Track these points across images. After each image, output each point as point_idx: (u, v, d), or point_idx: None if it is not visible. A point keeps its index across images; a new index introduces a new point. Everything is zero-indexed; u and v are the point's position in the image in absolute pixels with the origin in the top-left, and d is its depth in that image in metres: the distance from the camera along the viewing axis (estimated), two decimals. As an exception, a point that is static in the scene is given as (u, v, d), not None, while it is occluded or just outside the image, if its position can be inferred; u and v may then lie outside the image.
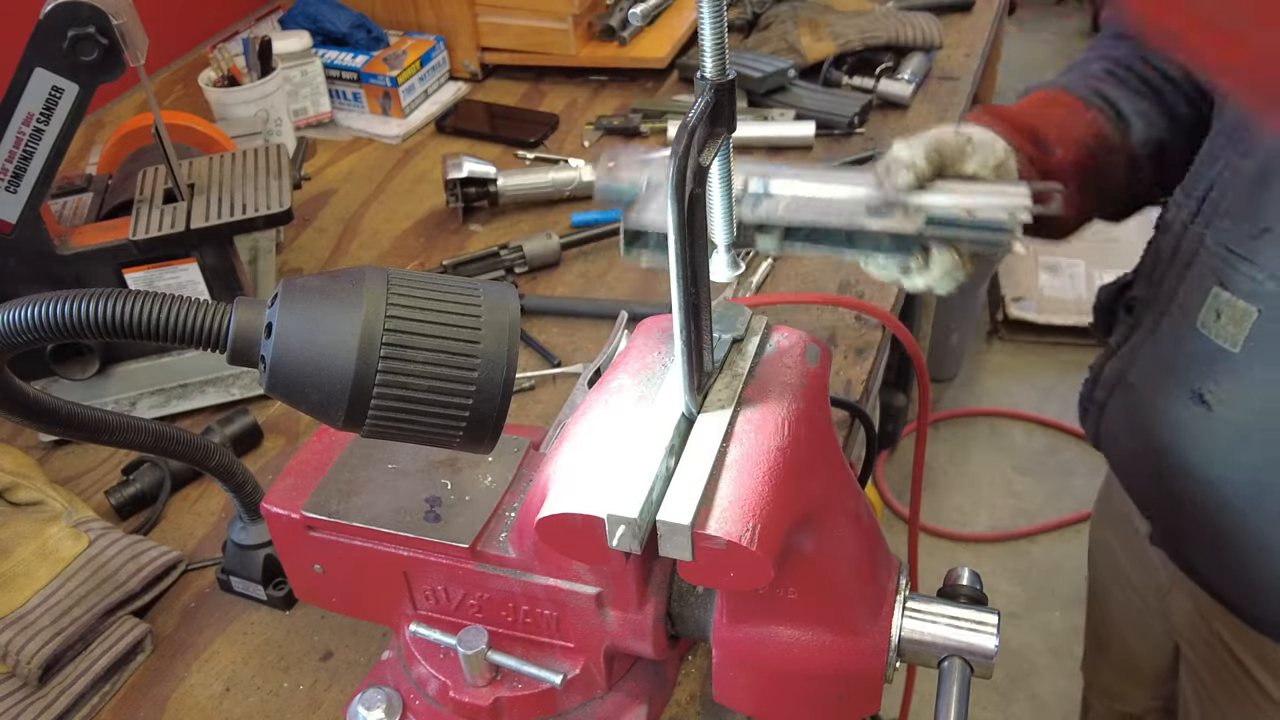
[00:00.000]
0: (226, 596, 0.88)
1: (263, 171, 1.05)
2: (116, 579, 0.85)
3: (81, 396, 1.03)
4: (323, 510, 0.68)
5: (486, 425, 0.56)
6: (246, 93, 1.41)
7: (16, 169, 0.91)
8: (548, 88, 1.65)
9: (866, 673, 0.60)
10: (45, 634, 0.79)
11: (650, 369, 0.63)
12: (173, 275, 1.02)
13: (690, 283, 0.53)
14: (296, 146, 1.49)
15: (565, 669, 0.68)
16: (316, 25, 1.62)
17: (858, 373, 1.05)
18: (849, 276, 1.18)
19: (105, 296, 0.54)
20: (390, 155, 1.51)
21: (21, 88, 0.89)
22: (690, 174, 0.50)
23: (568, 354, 1.11)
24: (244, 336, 0.55)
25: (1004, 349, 2.90)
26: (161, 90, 1.66)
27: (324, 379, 0.53)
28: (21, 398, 0.63)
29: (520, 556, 0.65)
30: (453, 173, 1.30)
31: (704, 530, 0.51)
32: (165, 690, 0.82)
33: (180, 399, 1.06)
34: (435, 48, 1.61)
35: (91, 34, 0.87)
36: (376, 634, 0.84)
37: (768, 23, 1.67)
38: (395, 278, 0.55)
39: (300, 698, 0.80)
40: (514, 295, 0.57)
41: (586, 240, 1.26)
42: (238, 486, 0.81)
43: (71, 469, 1.01)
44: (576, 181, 1.33)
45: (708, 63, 0.52)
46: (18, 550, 0.85)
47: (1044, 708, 2.08)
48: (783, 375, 0.61)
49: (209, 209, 1.00)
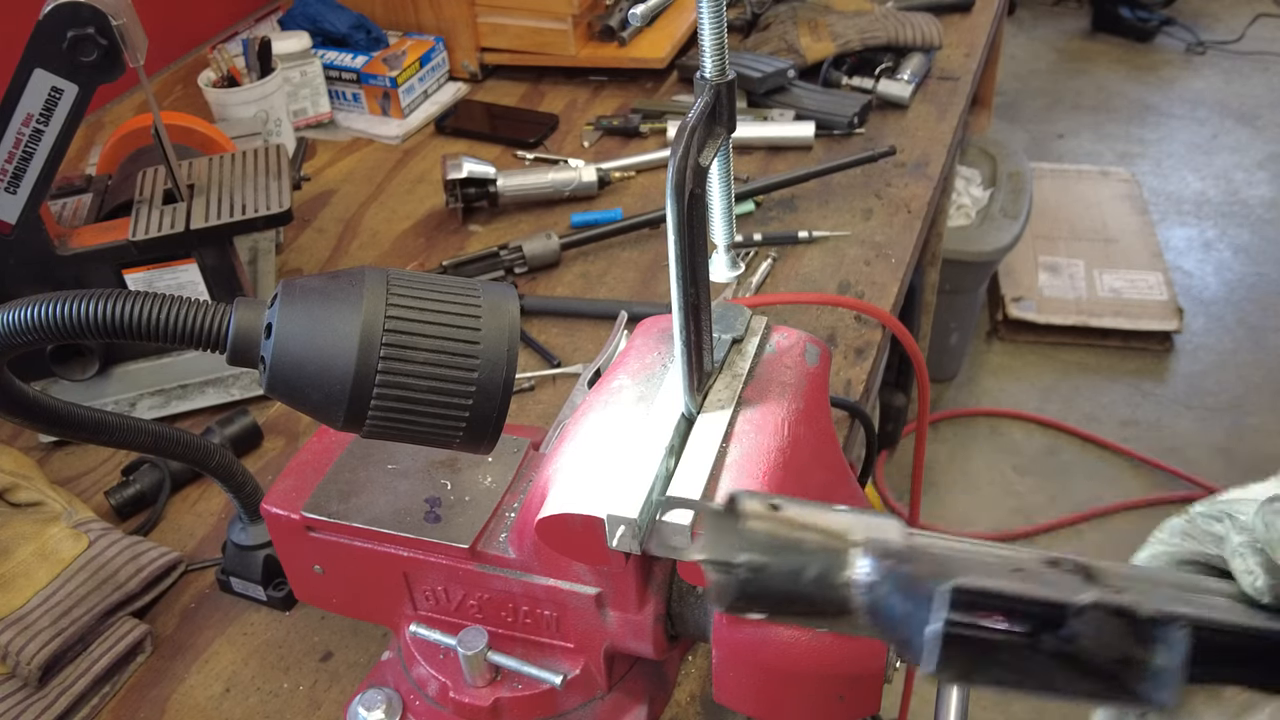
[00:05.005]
0: (226, 597, 0.88)
1: (262, 172, 1.05)
2: (116, 580, 0.85)
3: (81, 397, 1.03)
4: (322, 511, 0.68)
5: (486, 426, 0.56)
6: (246, 93, 1.41)
7: (16, 169, 0.91)
8: (547, 88, 1.65)
9: (867, 673, 0.60)
10: (45, 635, 0.79)
11: (650, 369, 0.63)
12: (172, 276, 1.02)
13: (690, 283, 0.53)
14: (296, 147, 1.49)
15: (565, 669, 0.68)
16: (316, 26, 1.62)
17: (858, 373, 1.05)
18: (849, 276, 1.18)
19: (105, 297, 0.54)
20: (390, 156, 1.51)
21: (21, 88, 0.89)
22: (690, 174, 0.50)
23: (568, 354, 1.11)
24: (244, 337, 0.55)
25: (1004, 349, 2.90)
26: (161, 91, 1.66)
27: (324, 379, 0.53)
28: (21, 398, 0.63)
29: (520, 557, 0.65)
30: (452, 173, 1.30)
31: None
32: (165, 691, 0.82)
33: (180, 400, 1.06)
34: (435, 48, 1.61)
35: (91, 35, 0.87)
36: (376, 635, 0.84)
37: (767, 23, 1.67)
38: (395, 278, 0.55)
39: (300, 698, 0.80)
40: (514, 295, 0.57)
41: (586, 240, 1.26)
42: (238, 487, 0.81)
43: (71, 469, 1.01)
44: (576, 182, 1.33)
45: (708, 63, 0.52)
46: (18, 551, 0.85)
47: (1044, 708, 2.08)
48: (782, 375, 0.61)
49: (209, 210, 1.00)
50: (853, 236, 1.24)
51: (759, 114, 1.47)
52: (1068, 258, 2.96)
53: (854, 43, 1.57)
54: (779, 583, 0.39)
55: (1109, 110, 3.91)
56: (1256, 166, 3.56)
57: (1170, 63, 4.19)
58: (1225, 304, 2.99)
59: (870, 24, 1.59)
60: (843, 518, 0.40)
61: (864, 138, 1.45)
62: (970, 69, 1.62)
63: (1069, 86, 4.07)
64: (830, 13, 1.63)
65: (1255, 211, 3.35)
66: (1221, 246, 3.20)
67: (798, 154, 1.42)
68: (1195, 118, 3.84)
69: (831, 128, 1.45)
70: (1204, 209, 3.37)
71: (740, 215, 1.30)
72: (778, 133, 1.43)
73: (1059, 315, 2.82)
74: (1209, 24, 4.39)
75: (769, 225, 1.28)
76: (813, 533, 0.39)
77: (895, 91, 1.51)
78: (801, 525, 0.39)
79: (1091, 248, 2.99)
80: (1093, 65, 4.20)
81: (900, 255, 1.21)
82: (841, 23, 1.60)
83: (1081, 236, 3.03)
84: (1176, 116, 3.85)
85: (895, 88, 1.51)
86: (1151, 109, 3.90)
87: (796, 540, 0.39)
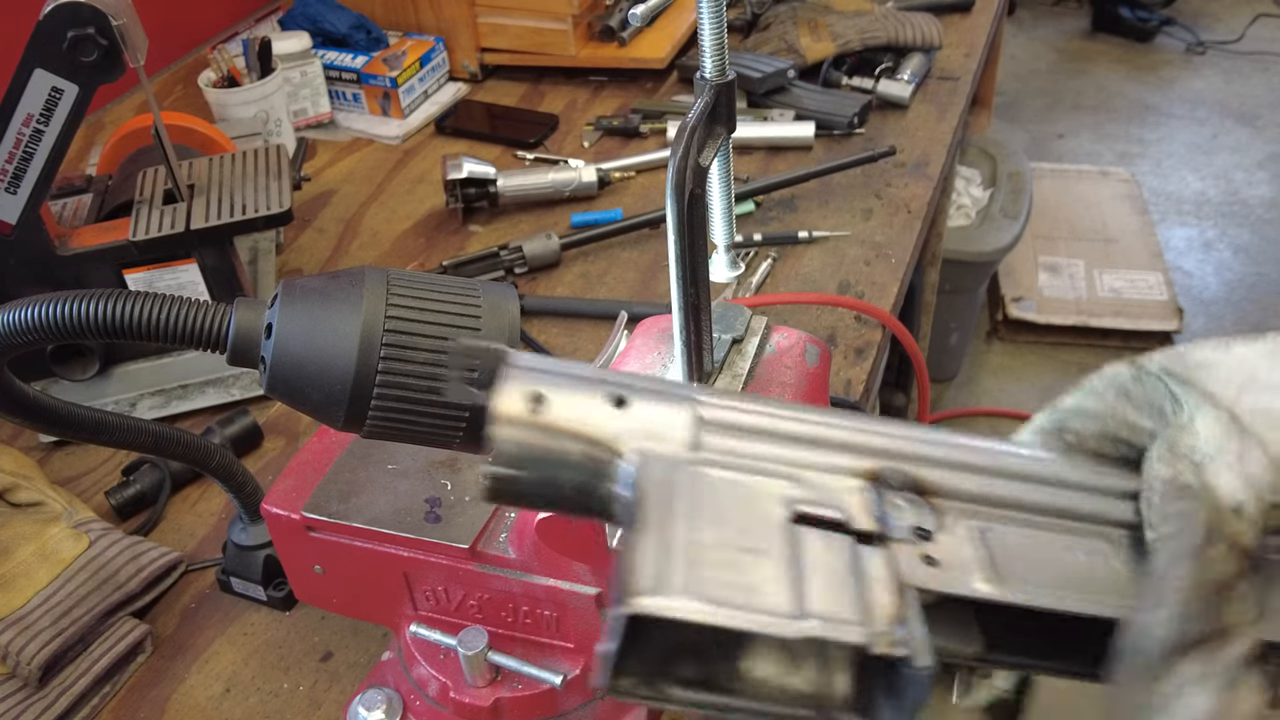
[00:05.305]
0: (226, 597, 0.88)
1: (262, 172, 1.05)
2: (117, 580, 0.85)
3: (81, 397, 1.03)
4: (323, 511, 0.68)
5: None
6: (246, 93, 1.41)
7: (16, 170, 0.91)
8: (547, 88, 1.65)
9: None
10: (45, 635, 0.79)
11: (650, 369, 0.63)
12: (173, 276, 1.02)
13: (690, 283, 0.53)
14: (296, 147, 1.49)
15: (565, 669, 0.68)
16: (316, 26, 1.62)
17: (858, 373, 1.05)
18: (849, 276, 1.18)
19: (105, 297, 0.54)
20: (390, 156, 1.51)
21: (21, 88, 0.89)
22: (690, 174, 0.50)
23: (568, 354, 1.11)
24: (244, 337, 0.55)
25: (1004, 349, 2.90)
26: (161, 91, 1.66)
27: (324, 380, 0.53)
28: (21, 398, 0.63)
29: (520, 557, 0.65)
30: (452, 173, 1.30)
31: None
32: (165, 691, 0.82)
33: (180, 400, 1.06)
34: (435, 48, 1.61)
35: (91, 35, 0.87)
36: (376, 635, 0.84)
37: (767, 23, 1.67)
38: (395, 278, 0.55)
39: (300, 698, 0.80)
40: (514, 295, 0.57)
41: (586, 240, 1.26)
42: (238, 487, 0.81)
43: (71, 470, 1.01)
44: (576, 182, 1.33)
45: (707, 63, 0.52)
46: (18, 551, 0.85)
47: (1044, 708, 2.08)
48: (782, 375, 0.61)
49: (209, 210, 1.00)
50: (853, 236, 1.24)
51: (759, 114, 1.47)
52: (1068, 258, 2.96)
53: (854, 43, 1.57)
54: (534, 489, 0.35)
55: (1109, 110, 3.91)
56: (1256, 166, 3.56)
57: (1170, 63, 4.19)
58: (1225, 304, 2.99)
59: (870, 24, 1.59)
60: (616, 422, 0.35)
61: (864, 138, 1.45)
62: (970, 69, 1.62)
63: (1069, 86, 4.07)
64: (830, 13, 1.63)
65: (1255, 211, 3.35)
66: (1221, 247, 3.20)
67: (798, 154, 1.42)
68: (1195, 118, 3.84)
69: (831, 128, 1.45)
70: (1204, 209, 3.37)
71: (740, 215, 1.30)
72: (778, 133, 1.43)
73: (1059, 315, 2.82)
74: (1209, 24, 4.39)
75: (769, 225, 1.28)
76: (574, 441, 0.35)
77: (895, 91, 1.51)
78: (563, 432, 0.35)
79: (1091, 248, 2.99)
80: (1093, 65, 4.20)
81: (900, 255, 1.21)
82: (841, 23, 1.60)
83: (1081, 237, 3.03)
84: (1176, 116, 3.86)
85: (895, 88, 1.51)
86: (1151, 109, 3.90)
87: (555, 453, 0.35)
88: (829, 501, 0.34)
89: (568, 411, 0.35)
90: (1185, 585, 0.31)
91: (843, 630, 0.29)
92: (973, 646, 0.35)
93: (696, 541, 0.31)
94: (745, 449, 0.35)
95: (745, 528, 0.32)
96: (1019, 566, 0.33)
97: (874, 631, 0.29)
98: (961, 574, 0.32)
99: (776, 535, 0.32)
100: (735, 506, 0.33)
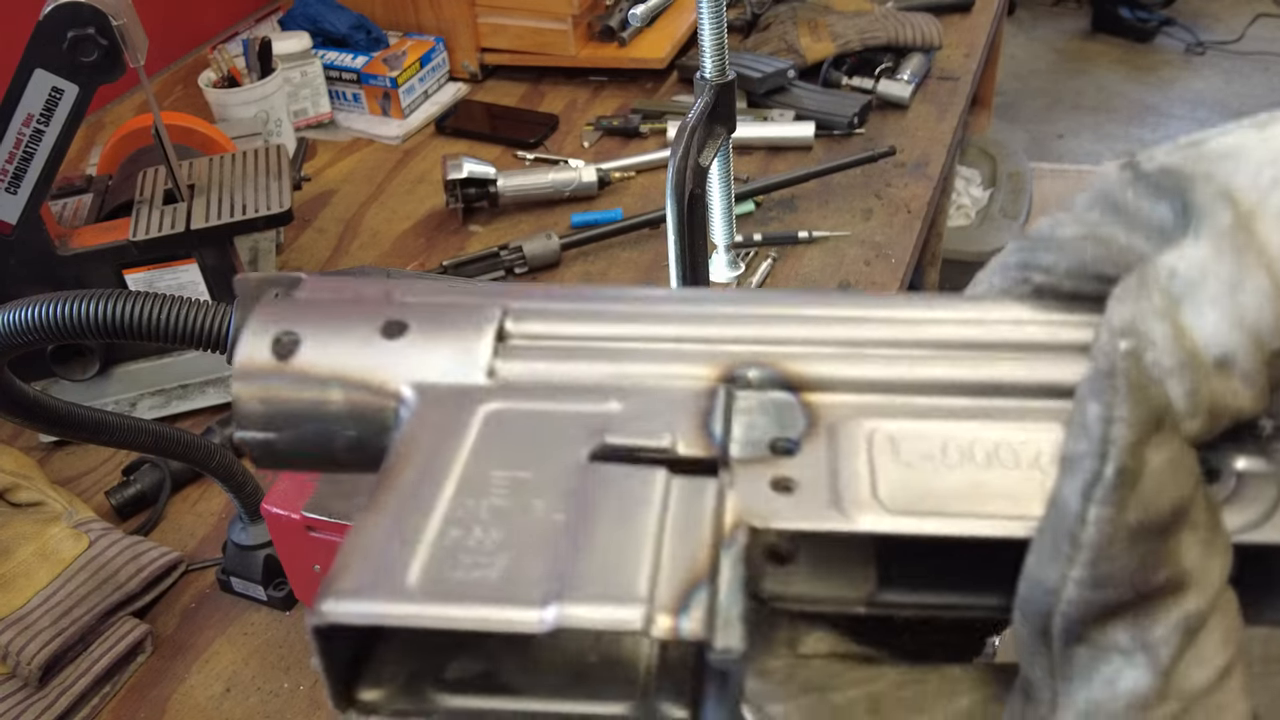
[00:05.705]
0: (227, 597, 0.88)
1: (263, 172, 1.05)
2: (117, 580, 0.85)
3: (82, 397, 1.03)
4: (323, 510, 0.68)
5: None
6: (246, 93, 1.41)
7: (16, 170, 0.92)
8: (547, 88, 1.65)
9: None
10: (45, 634, 0.79)
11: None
12: (173, 276, 1.02)
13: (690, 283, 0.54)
14: (296, 147, 1.49)
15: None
16: (316, 26, 1.62)
17: (858, 373, 1.05)
18: (849, 276, 1.18)
19: (105, 297, 0.54)
20: (390, 156, 1.51)
21: (21, 88, 0.89)
22: (690, 174, 0.50)
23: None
24: (244, 337, 0.55)
25: (1004, 349, 2.90)
26: (161, 91, 1.66)
27: (324, 379, 0.53)
28: (22, 398, 0.63)
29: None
30: (452, 173, 1.30)
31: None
32: (165, 691, 0.82)
33: (181, 400, 1.06)
34: (435, 48, 1.61)
35: (91, 35, 0.87)
36: (377, 634, 0.84)
37: (767, 23, 1.67)
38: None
39: (300, 698, 0.80)
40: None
41: (586, 240, 1.26)
42: (238, 487, 0.81)
43: (72, 469, 1.01)
44: (576, 182, 1.33)
45: (707, 63, 0.52)
46: (18, 551, 0.85)
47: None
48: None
49: (209, 210, 1.00)
50: (853, 236, 1.24)
51: (759, 114, 1.47)
52: (1068, 258, 2.96)
53: (854, 43, 1.57)
54: (297, 452, 0.28)
55: (1109, 110, 3.91)
56: (1256, 167, 3.55)
57: (1170, 63, 4.19)
58: (1225, 304, 2.99)
59: (870, 24, 1.59)
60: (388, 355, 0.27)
61: (864, 138, 1.45)
62: (970, 69, 1.62)
63: (1069, 86, 4.07)
64: (830, 13, 1.64)
65: (1255, 211, 3.34)
66: (1221, 246, 3.20)
67: (798, 154, 1.42)
68: (1195, 118, 3.84)
69: (831, 128, 1.45)
70: (1204, 209, 3.37)
71: (740, 215, 1.30)
72: (778, 133, 1.43)
73: (1059, 315, 2.82)
74: (1209, 24, 4.39)
75: (769, 225, 1.28)
76: (337, 388, 0.27)
77: (895, 91, 1.51)
78: (319, 378, 0.27)
79: (1091, 248, 2.98)
80: (1093, 65, 4.21)
81: (900, 255, 1.21)
82: (841, 23, 1.60)
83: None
84: (1176, 117, 3.86)
85: (895, 88, 1.51)
86: (1151, 109, 3.90)
87: (310, 407, 0.27)
88: (647, 423, 0.25)
89: (324, 351, 0.27)
90: (1102, 527, 0.19)
91: (603, 613, 0.21)
92: (862, 588, 0.25)
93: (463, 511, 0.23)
94: (558, 370, 0.27)
95: (538, 481, 0.24)
96: (914, 476, 0.24)
97: (654, 607, 0.21)
98: (822, 499, 0.23)
99: (566, 484, 0.24)
100: (529, 451, 0.25)
